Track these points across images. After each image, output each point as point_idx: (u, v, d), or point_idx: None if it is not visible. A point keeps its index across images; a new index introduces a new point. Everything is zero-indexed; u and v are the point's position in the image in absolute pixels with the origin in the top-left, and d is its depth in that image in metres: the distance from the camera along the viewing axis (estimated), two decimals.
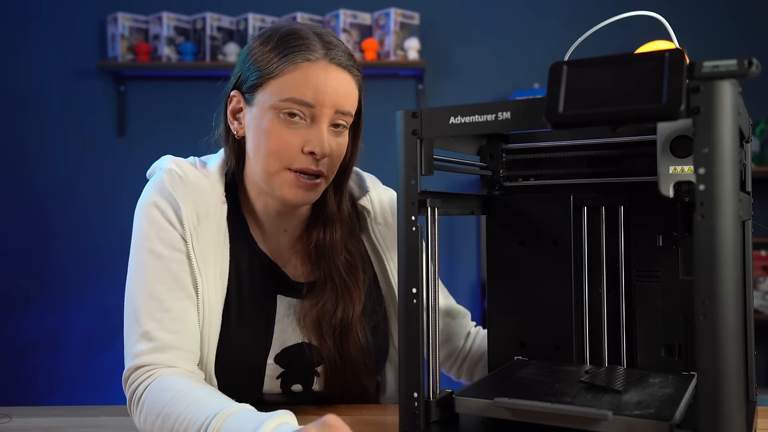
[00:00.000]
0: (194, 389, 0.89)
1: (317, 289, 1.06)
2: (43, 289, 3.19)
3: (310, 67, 0.97)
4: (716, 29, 3.12)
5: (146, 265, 0.99)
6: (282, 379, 1.06)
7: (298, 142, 0.98)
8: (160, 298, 0.97)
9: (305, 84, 0.97)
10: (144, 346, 0.95)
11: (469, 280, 3.15)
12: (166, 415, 0.87)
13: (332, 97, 0.98)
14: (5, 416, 1.02)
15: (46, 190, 3.21)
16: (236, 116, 1.05)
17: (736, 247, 0.62)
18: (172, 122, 3.20)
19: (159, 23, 3.10)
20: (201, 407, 0.84)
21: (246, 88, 1.02)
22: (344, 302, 1.05)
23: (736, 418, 0.62)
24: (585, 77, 0.69)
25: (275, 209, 1.07)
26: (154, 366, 0.94)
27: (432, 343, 0.83)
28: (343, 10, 3.06)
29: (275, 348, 1.06)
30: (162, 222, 1.01)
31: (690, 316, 0.89)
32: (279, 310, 1.07)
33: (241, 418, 0.81)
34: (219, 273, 1.02)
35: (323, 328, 1.04)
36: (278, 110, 0.98)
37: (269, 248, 1.10)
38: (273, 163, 0.99)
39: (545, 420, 0.74)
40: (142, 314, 0.97)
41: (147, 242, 1.00)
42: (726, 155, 0.62)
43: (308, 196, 1.01)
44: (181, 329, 0.97)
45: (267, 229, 1.10)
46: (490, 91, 3.16)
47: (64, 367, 3.11)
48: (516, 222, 1.00)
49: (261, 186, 1.04)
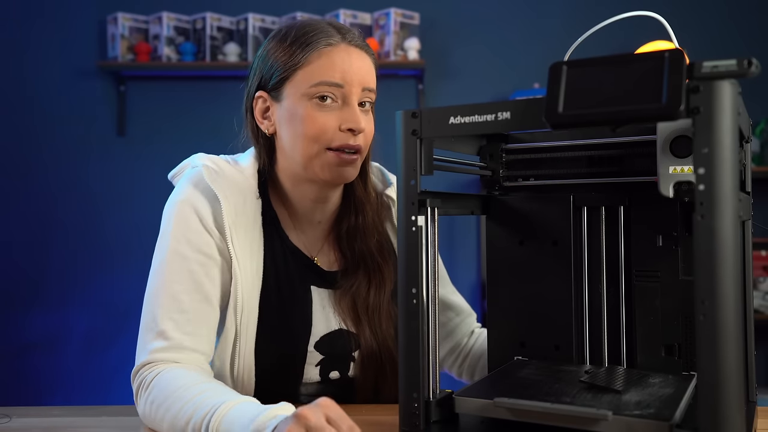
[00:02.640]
0: (203, 381, 0.94)
1: (349, 274, 1.11)
2: (43, 288, 3.19)
3: (333, 51, 1.03)
4: (716, 29, 3.12)
5: (168, 265, 1.02)
6: (321, 366, 1.10)
7: (334, 122, 1.03)
8: (178, 298, 1.01)
9: (331, 67, 1.02)
10: (159, 344, 0.99)
11: (469, 280, 3.15)
12: (173, 400, 0.91)
13: (358, 75, 1.04)
14: (5, 416, 1.02)
15: (46, 190, 3.21)
16: (264, 115, 1.09)
17: (736, 247, 0.62)
18: (172, 122, 3.20)
19: (159, 23, 3.10)
20: (208, 397, 0.88)
21: (272, 86, 1.06)
22: (376, 282, 1.10)
23: (736, 418, 0.62)
24: (585, 77, 0.69)
25: (311, 198, 1.11)
26: (166, 362, 0.98)
27: (432, 343, 0.83)
28: (343, 10, 3.06)
29: (315, 336, 1.09)
30: (192, 221, 1.03)
31: (690, 316, 0.89)
32: (314, 300, 1.11)
33: (244, 407, 0.85)
34: (255, 266, 1.05)
35: (358, 309, 1.09)
36: (310, 96, 1.03)
37: (302, 241, 1.14)
38: (313, 146, 1.03)
39: (545, 420, 0.74)
40: (160, 313, 1.00)
41: (173, 241, 1.03)
42: (726, 155, 0.62)
43: (349, 172, 1.06)
44: (196, 331, 1.01)
45: (301, 221, 1.14)
46: (490, 91, 3.16)
47: (65, 367, 3.11)
48: (516, 222, 1.00)
49: (300, 174, 1.08)
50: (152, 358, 0.98)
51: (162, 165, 1.36)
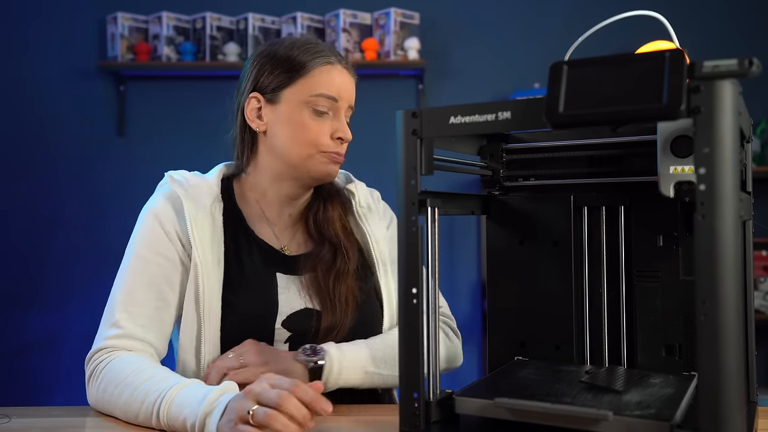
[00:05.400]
0: (153, 366, 1.02)
1: (314, 257, 1.19)
2: (42, 289, 3.18)
3: (333, 70, 1.18)
4: (716, 29, 3.12)
5: (130, 266, 1.13)
6: (290, 343, 1.14)
7: (327, 130, 1.17)
8: (135, 296, 1.11)
9: (331, 82, 1.17)
10: (112, 331, 1.08)
11: (469, 280, 3.15)
12: (124, 386, 0.99)
13: (347, 94, 1.20)
14: (5, 416, 1.02)
15: (46, 190, 3.21)
16: (257, 114, 1.19)
17: (736, 247, 0.62)
18: (172, 122, 3.19)
19: (159, 23, 3.10)
20: (158, 381, 0.97)
21: (270, 89, 1.17)
22: (340, 255, 1.19)
23: (736, 418, 0.62)
24: (585, 77, 0.69)
25: (287, 194, 1.22)
26: (119, 348, 1.07)
27: (432, 343, 0.83)
28: (343, 10, 3.06)
29: (281, 315, 1.14)
30: (154, 228, 1.14)
31: (690, 316, 0.89)
32: (280, 284, 1.17)
33: (192, 389, 0.93)
34: (216, 259, 1.14)
35: (321, 288, 1.16)
36: (310, 104, 1.16)
37: (271, 232, 1.22)
38: (309, 148, 1.16)
39: (545, 420, 0.74)
40: (117, 307, 1.10)
41: (136, 246, 1.14)
42: (726, 155, 0.62)
43: (335, 169, 1.20)
44: (148, 325, 1.10)
45: (272, 215, 1.23)
46: (490, 91, 3.16)
47: (64, 367, 3.11)
48: (516, 222, 1.00)
49: (284, 172, 1.19)
50: (105, 344, 1.07)
51: (162, 165, 1.36)
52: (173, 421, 0.92)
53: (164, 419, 0.93)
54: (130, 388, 0.98)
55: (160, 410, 0.93)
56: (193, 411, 0.89)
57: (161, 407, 0.93)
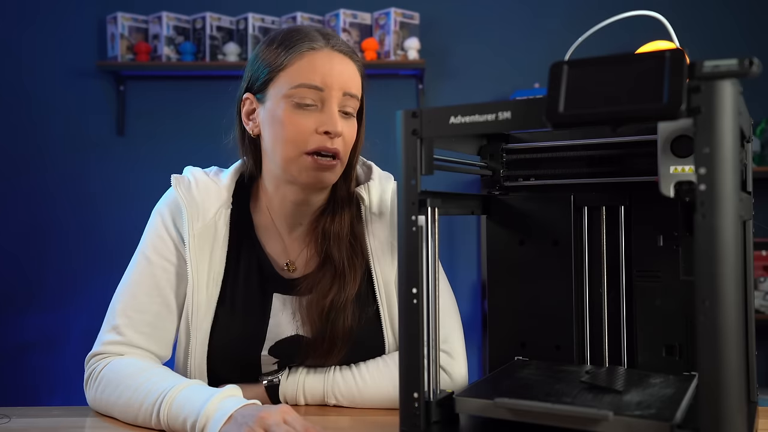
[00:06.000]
0: (153, 367, 1.01)
1: (314, 278, 1.10)
2: (42, 289, 3.18)
3: (315, 55, 1.04)
4: (717, 29, 3.12)
5: (136, 267, 1.10)
6: (279, 363, 1.12)
7: (312, 124, 1.03)
8: (138, 299, 1.08)
9: (312, 70, 1.03)
10: (112, 337, 1.06)
11: (469, 280, 3.15)
12: (125, 387, 0.98)
13: (339, 79, 1.04)
14: (5, 416, 1.02)
15: (46, 190, 3.21)
16: (250, 117, 1.11)
17: (736, 247, 0.62)
18: (172, 122, 3.19)
19: (159, 23, 3.10)
20: (158, 381, 0.96)
21: (257, 87, 1.08)
22: (339, 285, 1.09)
23: (736, 418, 0.62)
24: (585, 77, 0.69)
25: (292, 200, 1.11)
26: (118, 354, 1.06)
27: (432, 343, 0.83)
28: (343, 9, 3.06)
29: (269, 341, 1.11)
30: (160, 229, 1.11)
31: (691, 316, 0.89)
32: (275, 305, 1.12)
33: (194, 390, 0.93)
34: (214, 274, 1.09)
35: (315, 314, 1.08)
36: (290, 98, 1.04)
37: (279, 246, 1.15)
38: (291, 149, 1.04)
39: (545, 420, 0.74)
40: (118, 309, 1.08)
41: (143, 246, 1.11)
42: (727, 155, 0.62)
43: (326, 177, 1.06)
44: (150, 332, 1.07)
45: (282, 225, 1.14)
46: (490, 91, 3.16)
47: (64, 367, 3.11)
48: (516, 222, 1.00)
49: (280, 177, 1.09)
50: (103, 349, 1.06)
51: (161, 165, 1.36)
52: (173, 421, 0.91)
53: (164, 418, 0.92)
54: (131, 388, 0.97)
55: (161, 409, 0.92)
56: (195, 411, 0.89)
57: (162, 406, 0.92)
